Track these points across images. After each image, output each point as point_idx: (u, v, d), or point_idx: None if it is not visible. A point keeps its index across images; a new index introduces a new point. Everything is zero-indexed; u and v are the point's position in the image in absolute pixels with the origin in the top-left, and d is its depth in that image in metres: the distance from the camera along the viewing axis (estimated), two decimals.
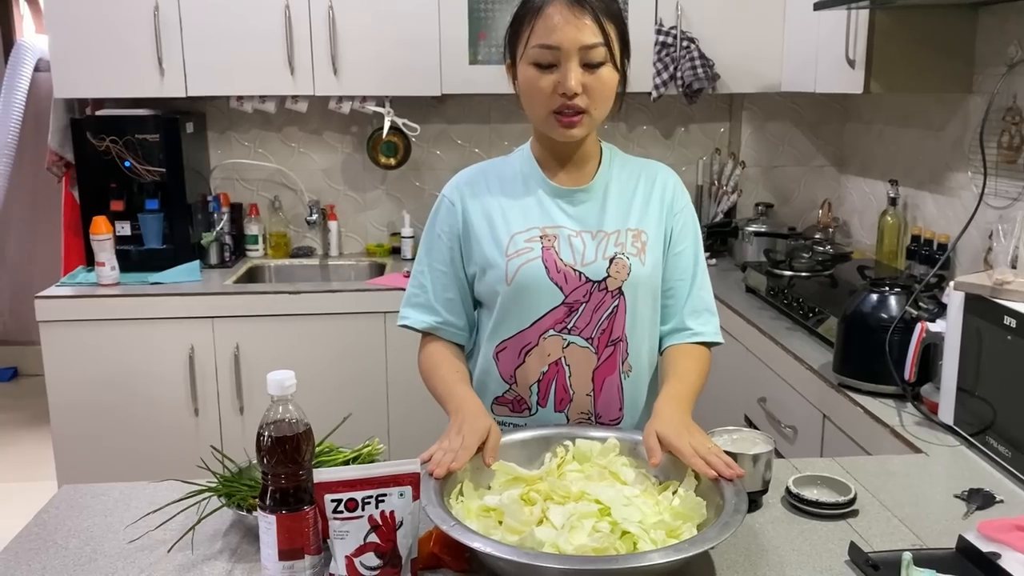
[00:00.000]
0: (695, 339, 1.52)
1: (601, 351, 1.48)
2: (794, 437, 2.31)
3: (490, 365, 1.53)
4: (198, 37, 2.93)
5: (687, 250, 1.53)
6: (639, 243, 1.48)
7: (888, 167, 2.95)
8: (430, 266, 1.55)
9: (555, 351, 1.48)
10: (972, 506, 1.39)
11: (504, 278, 1.46)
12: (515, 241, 1.47)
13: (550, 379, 1.49)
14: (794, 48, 2.89)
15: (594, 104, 1.41)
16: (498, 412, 1.54)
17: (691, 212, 1.56)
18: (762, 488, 1.34)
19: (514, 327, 1.49)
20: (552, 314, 1.47)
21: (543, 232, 1.47)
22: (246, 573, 1.18)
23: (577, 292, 1.46)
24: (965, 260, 2.42)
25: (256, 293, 2.92)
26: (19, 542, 1.27)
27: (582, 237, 1.47)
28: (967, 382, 1.69)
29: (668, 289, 1.53)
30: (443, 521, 1.09)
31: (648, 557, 1.04)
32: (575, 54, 1.36)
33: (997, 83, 2.23)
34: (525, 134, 3.47)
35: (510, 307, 1.48)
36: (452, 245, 1.53)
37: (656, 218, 1.51)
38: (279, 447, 1.05)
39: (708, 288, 1.56)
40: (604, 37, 1.37)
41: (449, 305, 1.54)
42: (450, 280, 1.54)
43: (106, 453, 2.88)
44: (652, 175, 1.55)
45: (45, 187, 3.99)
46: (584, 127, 1.42)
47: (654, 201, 1.52)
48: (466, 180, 1.55)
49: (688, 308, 1.53)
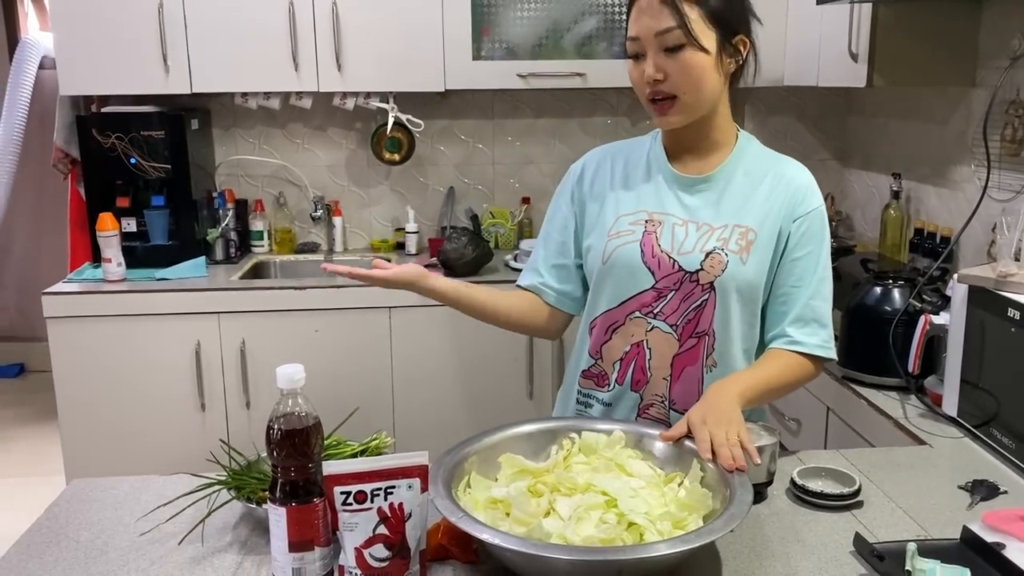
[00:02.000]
0: (793, 347, 1.46)
1: (684, 340, 1.48)
2: (798, 430, 2.32)
3: (585, 338, 1.57)
4: (202, 34, 2.94)
5: (808, 256, 1.46)
6: (744, 241, 1.44)
7: (891, 161, 2.95)
8: (547, 233, 1.61)
9: (639, 333, 1.49)
10: (976, 497, 1.40)
11: (601, 256, 1.49)
12: (619, 223, 1.49)
13: (631, 359, 1.51)
14: (797, 42, 2.89)
15: (681, 89, 1.38)
16: (584, 385, 1.58)
17: (819, 218, 1.47)
18: (767, 480, 1.35)
19: (604, 304, 1.51)
20: (640, 297, 1.47)
21: (650, 217, 1.48)
22: (256, 565, 1.19)
23: (668, 279, 1.45)
24: (968, 253, 2.43)
25: (262, 288, 2.93)
26: (31, 535, 1.28)
27: (687, 227, 1.46)
28: (971, 374, 1.70)
29: (781, 295, 1.48)
30: (451, 513, 1.10)
31: (654, 548, 1.05)
32: (652, 41, 1.37)
33: (1001, 76, 2.23)
34: (528, 129, 3.51)
35: (603, 285, 1.50)
36: (569, 215, 1.58)
37: (773, 219, 1.45)
38: (289, 440, 1.06)
39: (825, 299, 1.48)
40: (679, 19, 1.34)
41: (554, 271, 1.59)
42: (560, 248, 1.58)
43: (113, 448, 2.90)
44: (781, 173, 1.48)
45: (51, 184, 4.00)
46: (678, 113, 1.41)
47: (775, 200, 1.46)
48: (596, 158, 1.58)
49: (793, 316, 1.46)
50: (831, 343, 1.48)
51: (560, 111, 3.48)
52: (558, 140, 3.50)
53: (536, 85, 3.09)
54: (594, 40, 3.09)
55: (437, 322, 2.96)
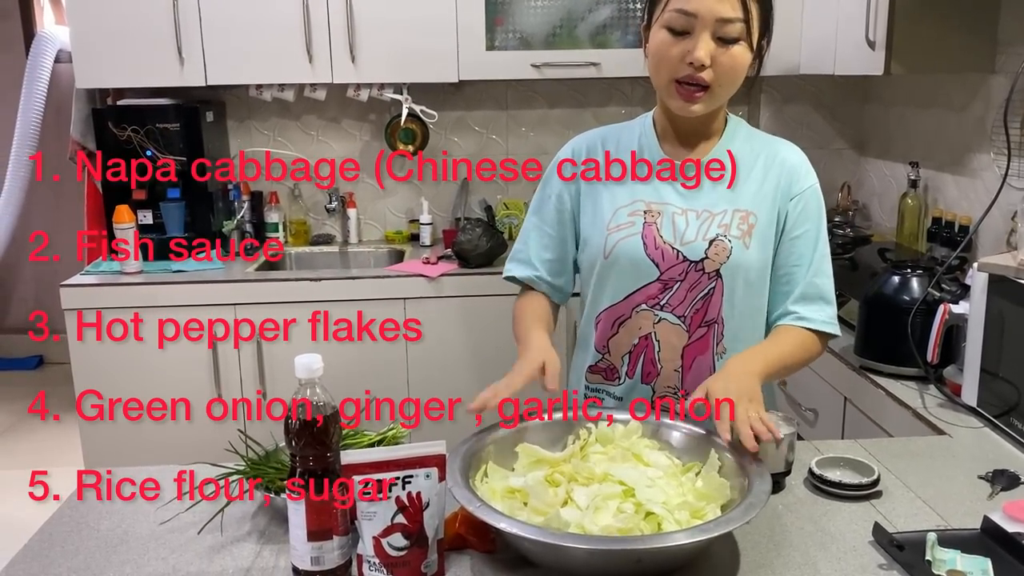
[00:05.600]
0: (801, 323, 1.46)
1: (693, 330, 1.47)
2: (815, 420, 2.31)
3: (590, 331, 1.56)
4: (217, 26, 2.95)
5: (806, 235, 1.46)
6: (745, 225, 1.43)
7: (908, 149, 2.93)
8: (537, 226, 1.57)
9: (646, 326, 1.48)
10: (997, 487, 1.39)
11: (602, 251, 1.47)
12: (618, 215, 1.47)
13: (639, 352, 1.50)
14: (813, 30, 2.87)
15: (719, 82, 1.35)
16: (591, 380, 1.57)
17: (814, 196, 1.47)
18: (785, 470, 1.35)
19: (609, 299, 1.50)
20: (645, 289, 1.46)
21: (648, 207, 1.46)
22: (274, 554, 1.20)
23: (673, 270, 1.44)
24: (987, 242, 2.41)
25: (277, 280, 2.94)
26: (52, 524, 1.30)
27: (687, 215, 1.44)
28: (990, 363, 1.68)
29: (783, 275, 1.47)
30: (469, 502, 1.10)
31: (673, 537, 1.05)
32: (710, 25, 1.31)
33: (1020, 62, 2.20)
34: (542, 119, 3.50)
35: (606, 280, 1.49)
36: (562, 208, 1.54)
37: (770, 200, 1.45)
38: (307, 429, 1.06)
39: (827, 275, 1.48)
40: (745, 13, 1.32)
41: (547, 265, 1.56)
42: (553, 242, 1.55)
43: (131, 439, 2.92)
44: (773, 154, 1.47)
45: (68, 177, 4.02)
46: (705, 104, 1.38)
47: (770, 182, 1.45)
48: (585, 144, 1.54)
49: (798, 294, 1.46)
50: (835, 319, 1.49)
51: (574, 101, 3.47)
52: (572, 131, 3.43)
53: (550, 75, 3.08)
54: (608, 29, 3.07)
55: (451, 313, 2.97)
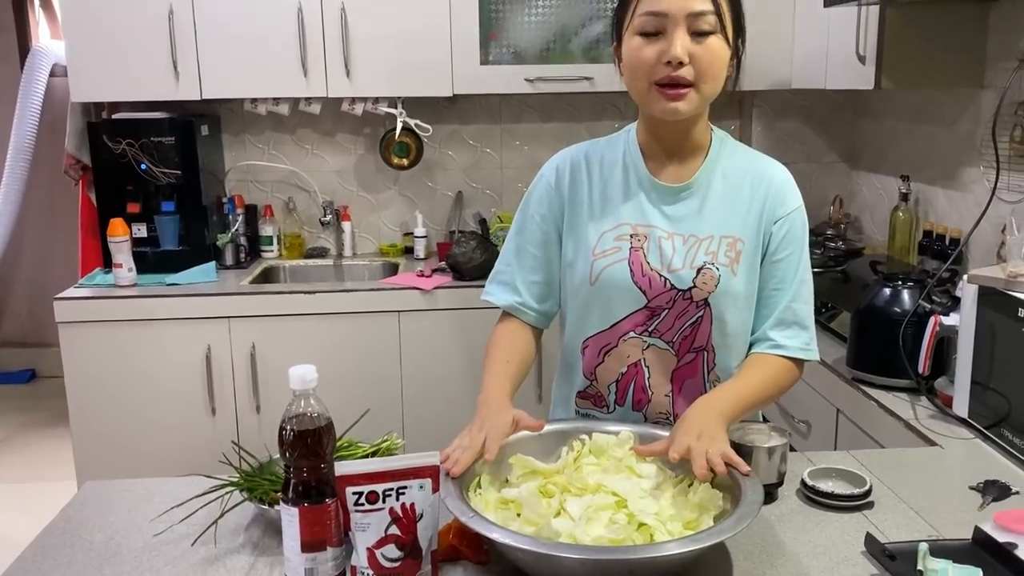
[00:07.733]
0: (776, 351, 1.43)
1: (682, 355, 1.45)
2: (808, 432, 2.31)
3: (576, 358, 1.51)
4: (212, 41, 2.96)
5: (789, 259, 1.42)
6: (733, 252, 1.40)
7: (899, 163, 2.95)
8: (520, 247, 1.51)
9: (634, 353, 1.45)
10: (988, 498, 1.39)
11: (588, 277, 1.43)
12: (603, 240, 1.43)
13: (628, 380, 1.47)
14: (804, 45, 2.89)
15: (701, 77, 1.31)
16: (581, 405, 1.53)
17: (799, 219, 1.43)
18: (777, 480, 1.35)
19: (595, 326, 1.47)
20: (633, 317, 1.43)
21: (634, 231, 1.42)
22: (268, 566, 1.20)
23: (660, 298, 1.41)
24: (977, 254, 2.42)
25: (272, 293, 2.95)
26: (45, 537, 1.29)
27: (673, 240, 1.41)
28: (981, 375, 1.69)
29: (764, 298, 1.44)
30: (462, 513, 1.10)
31: (665, 547, 1.05)
32: (682, 21, 1.29)
33: (1008, 77, 2.23)
34: (536, 133, 3.52)
35: (592, 305, 1.45)
36: (547, 229, 1.49)
37: (756, 224, 1.41)
38: (301, 440, 1.06)
39: (806, 301, 1.44)
40: (715, 5, 1.30)
41: (532, 288, 1.50)
42: (539, 264, 1.50)
43: (125, 453, 2.91)
44: (760, 174, 1.43)
45: (62, 190, 4.02)
46: (690, 103, 1.33)
47: (756, 204, 1.42)
48: (569, 161, 1.50)
49: (775, 319, 1.43)
50: (813, 345, 1.46)
51: (568, 115, 3.49)
52: (565, 144, 3.45)
53: (544, 89, 3.10)
54: (601, 44, 3.09)
55: (446, 325, 2.97)
